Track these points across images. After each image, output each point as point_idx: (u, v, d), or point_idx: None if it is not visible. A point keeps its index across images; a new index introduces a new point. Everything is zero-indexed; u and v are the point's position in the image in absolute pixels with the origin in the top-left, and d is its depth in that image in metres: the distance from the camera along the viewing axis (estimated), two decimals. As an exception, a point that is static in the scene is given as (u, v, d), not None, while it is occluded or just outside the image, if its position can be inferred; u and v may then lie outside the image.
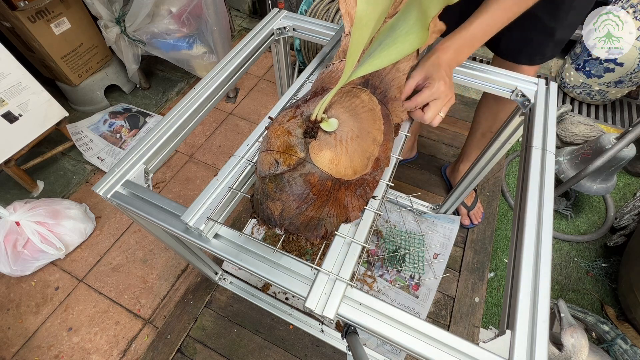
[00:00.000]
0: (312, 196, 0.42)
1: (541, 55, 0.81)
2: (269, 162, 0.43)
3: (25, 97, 1.20)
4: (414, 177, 1.37)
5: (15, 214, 1.09)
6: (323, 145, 0.43)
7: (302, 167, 0.42)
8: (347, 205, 0.45)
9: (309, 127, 0.45)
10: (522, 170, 0.56)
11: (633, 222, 1.22)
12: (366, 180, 0.45)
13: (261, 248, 0.46)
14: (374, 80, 0.53)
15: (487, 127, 1.04)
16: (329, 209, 0.44)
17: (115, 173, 0.53)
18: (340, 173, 0.42)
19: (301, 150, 0.42)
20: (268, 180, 0.43)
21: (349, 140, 0.44)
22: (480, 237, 1.20)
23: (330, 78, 0.55)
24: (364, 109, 0.48)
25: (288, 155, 0.42)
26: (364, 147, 0.45)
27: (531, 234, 0.47)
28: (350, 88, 0.50)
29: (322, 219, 0.44)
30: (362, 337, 0.98)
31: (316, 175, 0.42)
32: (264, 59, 1.89)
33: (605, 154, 1.04)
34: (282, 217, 0.43)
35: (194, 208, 0.47)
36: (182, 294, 1.09)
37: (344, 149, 0.43)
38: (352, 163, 0.43)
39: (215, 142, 1.55)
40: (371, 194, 0.47)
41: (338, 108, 0.47)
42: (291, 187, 0.42)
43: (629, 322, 1.09)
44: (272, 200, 0.43)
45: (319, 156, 0.42)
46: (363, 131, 0.46)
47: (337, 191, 0.43)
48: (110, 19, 1.41)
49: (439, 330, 0.39)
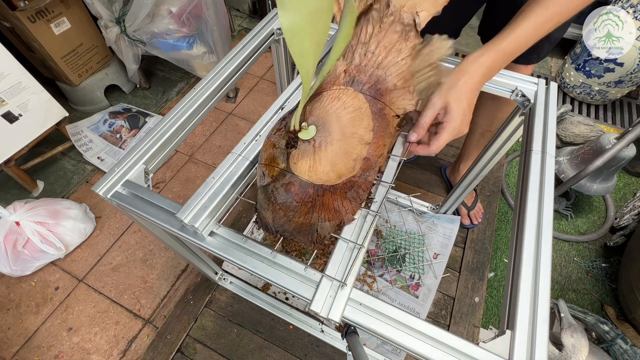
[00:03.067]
0: (296, 204, 0.43)
1: (537, 54, 0.81)
2: (259, 174, 0.46)
3: (25, 97, 1.20)
4: (414, 177, 1.37)
5: (15, 214, 1.09)
6: (302, 154, 0.44)
7: (282, 177, 0.43)
8: (338, 209, 0.44)
9: (291, 137, 0.46)
10: (522, 170, 0.56)
11: (633, 222, 1.22)
12: (357, 182, 0.45)
13: (257, 247, 0.46)
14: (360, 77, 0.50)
15: (486, 126, 1.03)
16: (318, 214, 0.44)
17: (115, 173, 0.53)
18: (321, 179, 0.43)
19: (282, 161, 0.44)
20: (260, 191, 0.46)
21: (329, 144, 0.44)
22: (480, 237, 1.20)
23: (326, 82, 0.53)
24: (347, 109, 0.47)
25: (271, 167, 0.44)
26: (348, 149, 0.45)
27: (531, 234, 0.47)
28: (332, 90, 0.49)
29: (314, 224, 0.44)
30: (362, 337, 0.98)
31: (296, 183, 0.43)
32: (264, 59, 1.89)
33: (605, 154, 1.04)
34: (275, 224, 0.45)
35: (189, 205, 0.47)
36: (182, 294, 1.09)
37: (322, 155, 0.44)
38: (334, 167, 0.44)
39: (215, 142, 1.55)
40: (365, 195, 0.46)
41: (317, 113, 0.47)
42: (275, 197, 0.44)
43: (629, 322, 1.09)
44: (264, 210, 0.45)
45: (298, 165, 0.43)
46: (346, 133, 0.45)
47: (321, 197, 0.43)
48: (110, 19, 1.41)
49: (439, 330, 0.39)
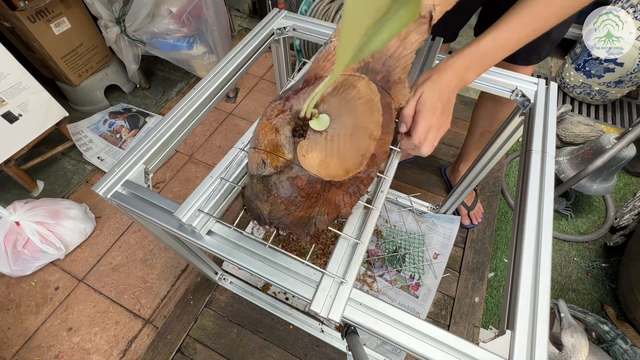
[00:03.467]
0: (301, 199, 0.40)
1: (537, 54, 0.81)
2: (256, 161, 0.40)
3: (25, 97, 1.20)
4: (414, 177, 1.37)
5: (15, 214, 1.09)
6: (312, 146, 0.40)
7: (289, 169, 0.39)
8: (338, 203, 0.42)
9: (298, 124, 0.41)
10: (522, 170, 0.56)
11: (633, 222, 1.22)
12: (360, 178, 0.42)
13: (254, 245, 0.46)
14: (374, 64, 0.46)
15: (486, 126, 1.04)
16: (319, 208, 0.42)
17: (115, 173, 0.53)
18: (330, 175, 0.40)
19: (289, 151, 0.39)
20: (256, 180, 0.41)
21: (342, 138, 0.41)
22: (480, 237, 1.20)
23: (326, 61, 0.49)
24: (361, 100, 0.43)
25: (275, 156, 0.39)
26: (359, 144, 0.41)
27: (531, 234, 0.47)
28: (347, 76, 0.45)
29: (313, 218, 0.42)
30: (362, 337, 0.98)
31: (304, 178, 0.39)
32: (264, 59, 1.89)
33: (605, 154, 1.04)
34: (271, 216, 0.42)
35: (187, 204, 0.47)
36: (182, 294, 1.09)
37: (335, 149, 0.40)
38: (344, 163, 0.40)
39: (215, 142, 1.55)
40: (365, 190, 0.44)
41: (331, 101, 0.43)
42: (278, 190, 0.40)
43: (629, 322, 1.09)
44: (260, 201, 0.42)
45: (307, 158, 0.39)
46: (358, 127, 0.42)
47: (327, 192, 0.41)
48: (110, 19, 1.41)
49: (439, 330, 0.39)
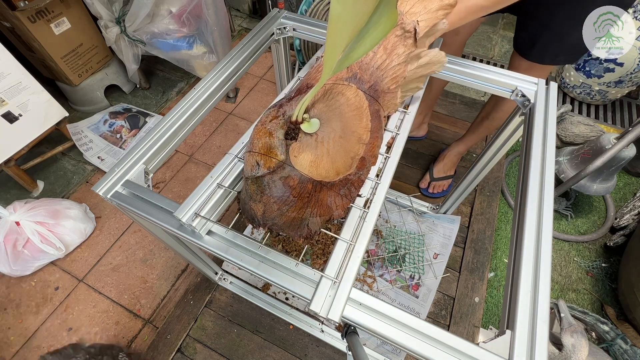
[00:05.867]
0: (293, 198, 0.42)
1: (551, 55, 0.81)
2: (251, 163, 0.43)
3: (25, 97, 1.20)
4: (414, 177, 1.37)
5: (15, 214, 1.09)
6: (303, 147, 0.42)
7: (281, 169, 0.41)
8: (330, 205, 0.44)
9: (290, 128, 0.44)
10: (522, 170, 0.56)
11: (633, 222, 1.22)
12: (350, 180, 0.45)
13: (254, 245, 0.46)
14: (362, 74, 0.50)
15: (489, 110, 1.07)
16: (312, 209, 0.43)
17: (115, 173, 0.53)
18: (321, 175, 0.42)
19: (281, 152, 0.42)
20: (250, 181, 0.43)
21: (331, 141, 0.43)
22: (480, 237, 1.20)
23: (318, 72, 0.53)
24: (350, 107, 0.46)
25: (268, 157, 0.42)
26: (348, 147, 0.44)
27: (531, 234, 0.47)
28: (335, 84, 0.48)
29: (305, 219, 0.44)
30: (362, 337, 0.98)
31: (296, 178, 0.41)
32: (264, 59, 1.89)
33: (605, 154, 1.04)
34: (264, 217, 0.44)
35: (187, 204, 0.47)
36: (182, 294, 1.09)
37: (325, 151, 0.43)
38: (334, 164, 0.43)
39: (215, 142, 1.55)
40: (357, 193, 0.47)
41: (321, 107, 0.46)
42: (271, 190, 0.42)
43: (629, 322, 1.09)
44: (254, 202, 0.44)
45: (299, 159, 0.42)
46: (347, 131, 0.45)
47: (318, 192, 0.43)
48: (110, 19, 1.41)
49: (439, 330, 0.39)
